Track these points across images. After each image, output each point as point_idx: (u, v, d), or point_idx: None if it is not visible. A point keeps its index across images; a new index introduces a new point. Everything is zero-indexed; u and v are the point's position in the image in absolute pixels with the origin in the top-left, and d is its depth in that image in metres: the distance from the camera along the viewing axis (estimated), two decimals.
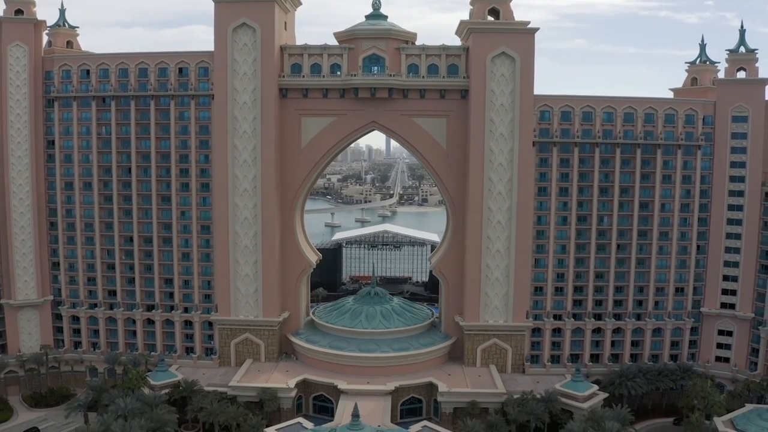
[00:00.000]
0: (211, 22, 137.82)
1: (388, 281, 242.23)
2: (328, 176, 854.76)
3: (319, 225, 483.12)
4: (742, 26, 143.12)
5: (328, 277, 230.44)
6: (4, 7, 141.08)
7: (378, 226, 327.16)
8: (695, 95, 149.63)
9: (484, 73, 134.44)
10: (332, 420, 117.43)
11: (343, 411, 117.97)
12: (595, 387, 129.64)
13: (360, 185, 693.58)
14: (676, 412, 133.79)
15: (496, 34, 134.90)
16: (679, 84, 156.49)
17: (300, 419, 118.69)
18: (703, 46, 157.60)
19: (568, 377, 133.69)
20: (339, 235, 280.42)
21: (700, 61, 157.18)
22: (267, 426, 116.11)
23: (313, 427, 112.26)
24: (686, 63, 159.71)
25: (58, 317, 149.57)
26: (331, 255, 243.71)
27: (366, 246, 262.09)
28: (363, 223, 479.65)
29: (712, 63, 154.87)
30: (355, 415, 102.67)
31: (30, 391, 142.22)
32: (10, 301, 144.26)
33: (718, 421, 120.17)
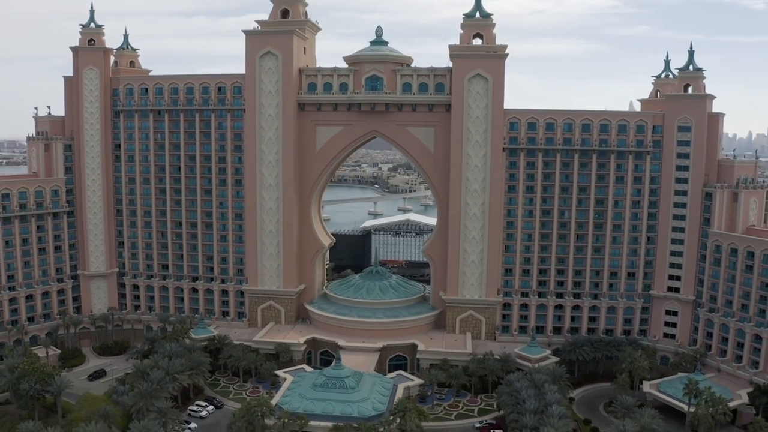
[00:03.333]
0: (267, 11, 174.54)
1: (411, 265, 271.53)
2: (379, 165, 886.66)
3: (362, 212, 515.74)
4: (691, 47, 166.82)
5: (358, 260, 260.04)
6: (79, 37, 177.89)
7: (402, 215, 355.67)
8: (658, 106, 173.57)
9: (463, 91, 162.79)
10: None
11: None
12: (548, 352, 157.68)
13: (408, 174, 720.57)
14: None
15: (472, 59, 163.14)
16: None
17: (303, 366, 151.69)
18: (667, 62, 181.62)
19: (538, 345, 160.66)
20: (368, 223, 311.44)
21: (664, 76, 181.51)
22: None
23: (312, 371, 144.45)
24: (652, 77, 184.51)
25: (122, 285, 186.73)
26: (360, 241, 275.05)
27: (392, 233, 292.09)
28: (405, 211, 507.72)
29: (675, 77, 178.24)
30: (338, 359, 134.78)
31: (98, 343, 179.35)
32: (85, 272, 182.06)
33: (646, 385, 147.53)
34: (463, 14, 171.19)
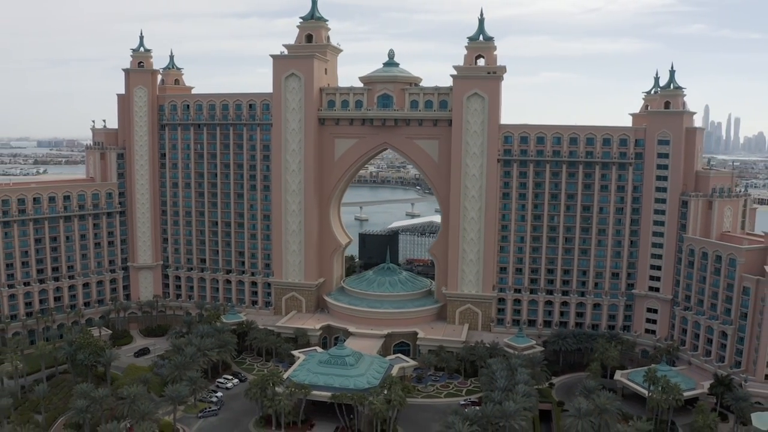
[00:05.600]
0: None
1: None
2: None
3: (400, 213, 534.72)
4: (672, 68, 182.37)
5: (386, 259, 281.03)
6: (130, 60, 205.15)
7: (429, 217, 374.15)
8: (646, 121, 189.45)
9: (462, 109, 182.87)
10: None
11: (349, 344, 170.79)
12: (533, 342, 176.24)
13: None
14: (602, 367, 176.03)
15: (470, 79, 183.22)
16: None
17: (316, 347, 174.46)
18: (656, 80, 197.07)
19: (525, 336, 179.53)
20: (396, 224, 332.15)
21: (654, 92, 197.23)
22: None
23: (322, 351, 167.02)
24: (643, 92, 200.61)
25: (165, 276, 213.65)
26: (388, 240, 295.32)
27: (417, 233, 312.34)
28: (441, 212, 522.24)
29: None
30: (341, 341, 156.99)
31: (144, 325, 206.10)
32: (134, 264, 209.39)
33: (618, 373, 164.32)
34: (468, 37, 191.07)
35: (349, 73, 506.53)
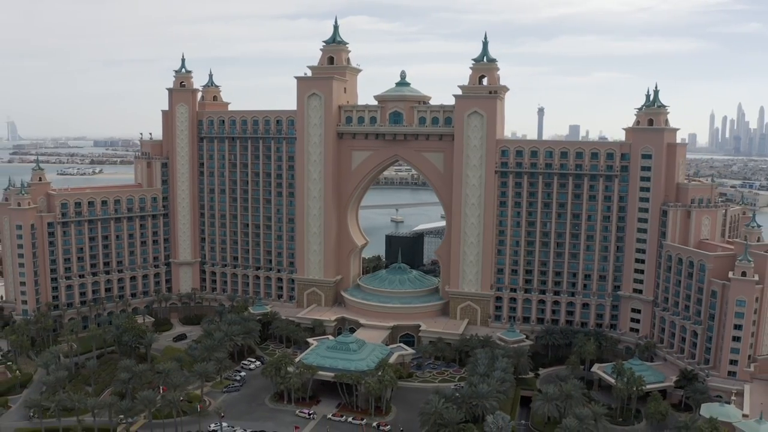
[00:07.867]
0: (369, 13, 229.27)
1: None
2: None
3: (435, 215, 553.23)
4: (656, 88, 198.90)
5: (411, 260, 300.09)
6: (173, 80, 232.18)
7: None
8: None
9: (463, 125, 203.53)
10: None
11: (358, 334, 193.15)
12: (523, 336, 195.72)
13: None
14: (582, 361, 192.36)
15: (470, 99, 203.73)
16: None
17: (329, 336, 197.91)
18: (648, 97, 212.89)
19: (516, 331, 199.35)
20: (421, 226, 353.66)
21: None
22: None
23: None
24: (635, 109, 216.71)
25: (203, 271, 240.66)
26: (413, 242, 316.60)
27: (440, 236, 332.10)
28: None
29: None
30: (346, 330, 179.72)
31: (183, 315, 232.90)
32: (175, 260, 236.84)
33: (595, 367, 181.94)
34: (472, 59, 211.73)
35: (393, 74, 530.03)
